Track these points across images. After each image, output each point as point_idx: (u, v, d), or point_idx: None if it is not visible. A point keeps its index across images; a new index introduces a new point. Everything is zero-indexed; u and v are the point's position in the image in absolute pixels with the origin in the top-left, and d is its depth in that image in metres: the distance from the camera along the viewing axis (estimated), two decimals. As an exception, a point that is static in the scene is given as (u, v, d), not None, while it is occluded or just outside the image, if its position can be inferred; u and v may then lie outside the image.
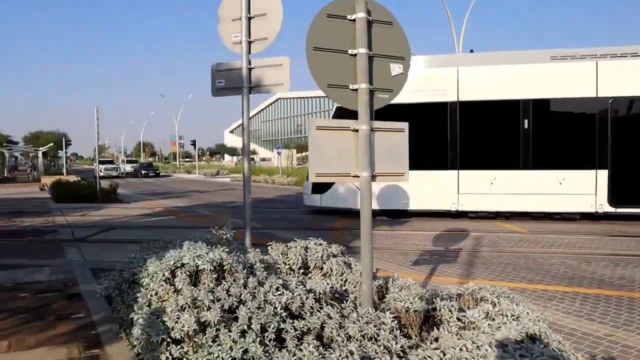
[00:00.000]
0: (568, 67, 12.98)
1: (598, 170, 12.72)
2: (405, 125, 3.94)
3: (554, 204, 12.99)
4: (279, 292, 3.73)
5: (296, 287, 3.90)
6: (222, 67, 6.04)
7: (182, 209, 16.38)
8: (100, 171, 23.04)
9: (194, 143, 63.49)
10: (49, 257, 7.98)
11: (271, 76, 5.74)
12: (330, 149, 3.67)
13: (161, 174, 55.70)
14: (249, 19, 5.74)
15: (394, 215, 13.80)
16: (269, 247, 5.24)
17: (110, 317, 4.61)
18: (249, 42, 5.74)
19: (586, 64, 12.83)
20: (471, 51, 15.37)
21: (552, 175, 12.82)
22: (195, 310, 3.45)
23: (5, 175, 43.08)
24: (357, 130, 3.69)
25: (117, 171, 52.91)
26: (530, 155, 13.08)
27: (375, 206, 13.95)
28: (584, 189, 12.79)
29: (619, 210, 12.71)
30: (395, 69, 3.89)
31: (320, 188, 14.91)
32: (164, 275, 3.81)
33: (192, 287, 3.69)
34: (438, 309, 3.43)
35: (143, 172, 52.73)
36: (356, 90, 3.71)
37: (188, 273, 3.81)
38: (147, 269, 4.11)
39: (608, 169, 12.66)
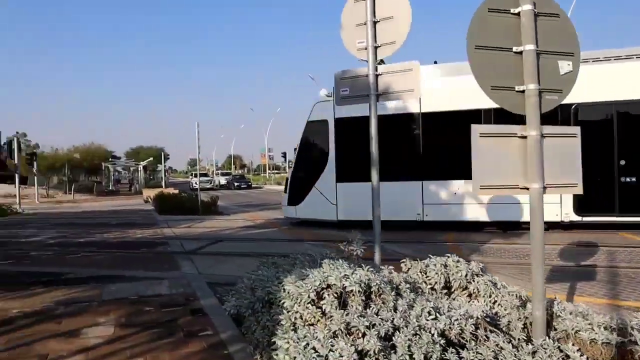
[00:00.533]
0: None
1: None
2: (577, 129, 3.48)
3: (519, 213, 12.30)
4: (432, 317, 3.38)
5: (449, 311, 3.53)
6: (346, 75, 5.77)
7: (282, 221, 16.37)
8: (196, 184, 23.87)
9: (284, 155, 64.13)
10: (164, 270, 8.08)
11: (400, 82, 5.37)
12: (495, 159, 3.28)
13: (252, 185, 56.91)
14: (375, 23, 5.45)
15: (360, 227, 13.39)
16: (402, 265, 4.89)
17: (240, 337, 4.44)
18: (375, 48, 5.43)
19: None
20: (435, 62, 14.56)
21: None
22: (350, 337, 3.15)
23: (110, 188, 45.87)
24: (524, 137, 3.28)
25: (211, 183, 54.69)
26: None
27: (342, 216, 14.18)
28: (548, 197, 11.70)
29: (586, 218, 12.26)
30: (564, 66, 3.44)
31: (295, 199, 15.16)
32: (309, 296, 3.56)
33: (341, 311, 3.41)
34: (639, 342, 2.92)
35: (236, 184, 54.27)
36: (522, 92, 3.30)
37: (336, 295, 3.54)
38: (284, 289, 3.89)
39: None
